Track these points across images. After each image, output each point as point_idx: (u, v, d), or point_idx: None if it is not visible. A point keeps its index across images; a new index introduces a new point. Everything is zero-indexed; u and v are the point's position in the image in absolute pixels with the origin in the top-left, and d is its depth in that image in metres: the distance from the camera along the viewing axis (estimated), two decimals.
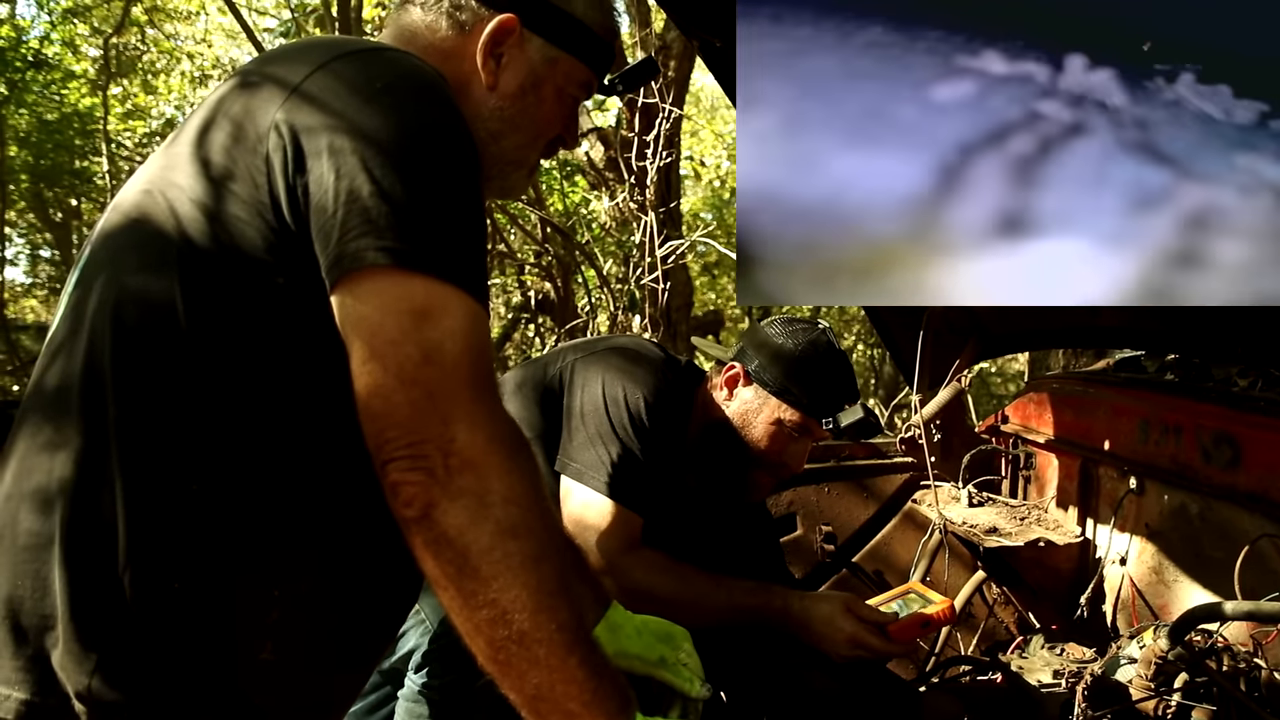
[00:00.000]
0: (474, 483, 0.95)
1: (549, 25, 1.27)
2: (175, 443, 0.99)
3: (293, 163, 0.99)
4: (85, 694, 0.97)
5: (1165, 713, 1.72)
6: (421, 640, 1.66)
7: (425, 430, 0.94)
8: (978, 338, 3.16)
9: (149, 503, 0.98)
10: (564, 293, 8.16)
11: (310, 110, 1.01)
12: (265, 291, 1.01)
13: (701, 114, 13.43)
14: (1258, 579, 2.03)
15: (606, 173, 7.28)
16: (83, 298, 1.06)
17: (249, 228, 1.01)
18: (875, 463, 3.13)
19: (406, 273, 0.96)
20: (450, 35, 1.25)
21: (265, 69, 1.09)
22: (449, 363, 0.96)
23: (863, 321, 11.89)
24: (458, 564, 0.95)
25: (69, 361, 1.04)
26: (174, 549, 0.99)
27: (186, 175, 1.04)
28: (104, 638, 0.98)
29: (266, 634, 1.03)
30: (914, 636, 1.93)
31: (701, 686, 1.52)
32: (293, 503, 1.04)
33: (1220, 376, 2.46)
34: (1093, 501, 2.84)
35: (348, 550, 1.09)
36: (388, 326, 0.95)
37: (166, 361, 1.00)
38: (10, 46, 9.95)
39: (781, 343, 2.02)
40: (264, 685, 1.04)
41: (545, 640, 0.96)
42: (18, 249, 13.39)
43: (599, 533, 1.80)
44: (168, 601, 0.98)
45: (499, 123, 1.26)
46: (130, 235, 1.06)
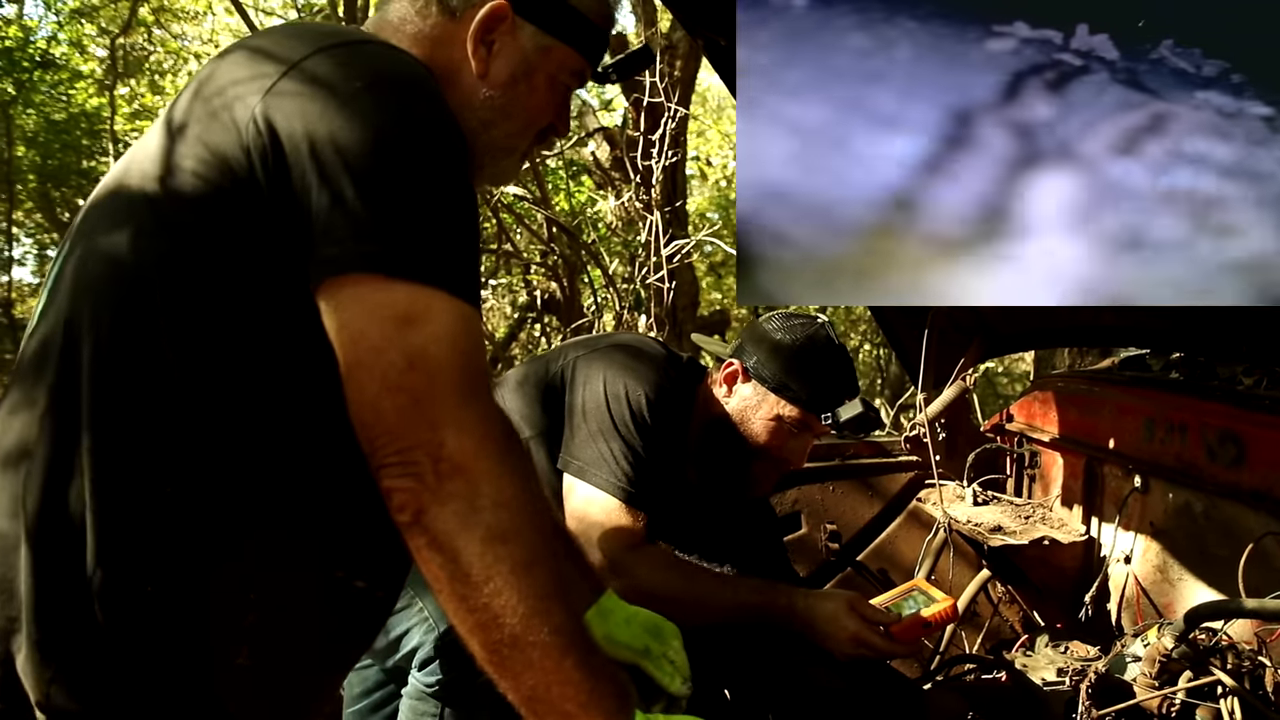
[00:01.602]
0: (463, 487, 0.94)
1: (542, 12, 1.24)
2: (148, 443, 0.97)
3: (273, 159, 0.98)
4: (44, 702, 0.95)
5: (1169, 711, 1.71)
6: (425, 638, 1.66)
7: (413, 436, 0.94)
8: (982, 337, 3.15)
9: (120, 504, 0.96)
10: (570, 292, 8.16)
11: (291, 107, 0.99)
12: (246, 284, 1.00)
13: (708, 113, 13.42)
14: (1262, 577, 2.02)
15: (612, 172, 7.28)
16: (58, 285, 1.05)
17: (230, 217, 0.99)
18: (880, 461, 3.13)
19: (388, 279, 0.95)
20: (440, 21, 1.22)
21: (248, 58, 1.07)
22: (434, 368, 0.95)
23: (868, 321, 11.87)
24: (449, 569, 0.95)
25: (42, 353, 1.02)
26: (147, 552, 0.97)
27: (166, 161, 1.02)
28: (67, 644, 0.95)
29: (243, 639, 1.01)
30: (917, 636, 1.92)
31: (683, 684, 1.52)
32: (271, 503, 1.02)
33: (1225, 375, 2.46)
34: (1097, 500, 2.83)
35: (326, 552, 1.07)
36: (370, 334, 0.95)
37: (142, 358, 0.98)
38: (18, 47, 9.98)
39: (780, 338, 2.02)
40: (239, 691, 1.01)
41: (539, 644, 0.96)
42: (25, 249, 13.41)
43: (602, 530, 1.81)
44: (139, 606, 0.96)
45: (490, 111, 1.24)
46: (105, 223, 1.04)
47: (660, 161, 5.80)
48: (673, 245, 5.76)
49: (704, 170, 12.31)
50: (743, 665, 1.94)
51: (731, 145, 11.12)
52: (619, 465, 1.84)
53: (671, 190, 6.82)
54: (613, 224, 7.83)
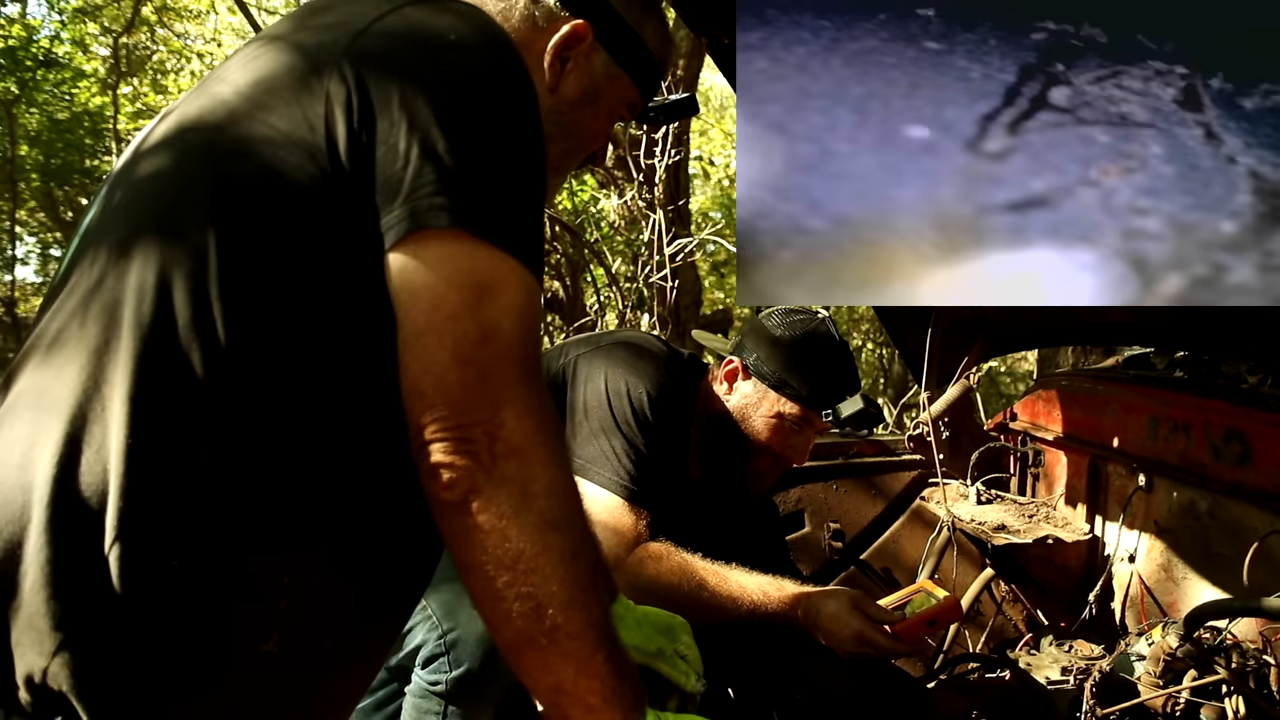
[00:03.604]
0: (519, 471, 0.91)
1: (618, 42, 1.25)
2: (185, 404, 0.90)
3: (359, 110, 0.93)
4: (39, 678, 0.87)
5: (1174, 710, 1.71)
6: (429, 636, 1.66)
7: (475, 413, 0.90)
8: (986, 335, 3.15)
9: (150, 467, 0.88)
10: (573, 291, 8.16)
11: (379, 56, 0.95)
12: (304, 248, 0.94)
13: (711, 112, 13.42)
14: (1267, 575, 2.02)
15: (615, 171, 7.28)
16: (93, 250, 0.97)
17: (299, 172, 0.93)
18: (883, 460, 3.13)
19: (475, 240, 0.92)
20: (521, 27, 1.22)
21: (309, 20, 1.03)
22: (505, 343, 0.92)
23: (871, 320, 11.87)
24: (495, 554, 0.91)
25: (72, 307, 0.94)
26: (176, 522, 0.89)
27: (230, 116, 0.97)
28: (77, 615, 0.87)
29: (273, 624, 0.94)
30: (921, 635, 1.92)
31: (697, 681, 1.52)
32: (306, 481, 0.95)
33: (1229, 373, 2.46)
34: (1101, 499, 2.83)
35: (365, 539, 1.01)
36: (451, 300, 0.91)
37: (187, 311, 0.90)
38: (21, 46, 10.01)
39: (779, 335, 2.01)
40: (262, 679, 0.96)
41: (577, 635, 0.94)
42: (29, 248, 13.45)
43: (604, 528, 1.80)
44: (163, 580, 0.88)
45: (552, 125, 1.18)
46: (152, 186, 0.98)
47: (663, 160, 5.81)
48: (675, 244, 5.76)
49: (707, 169, 12.32)
50: (747, 664, 1.94)
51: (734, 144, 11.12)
52: (621, 463, 1.83)
53: (674, 189, 6.82)
54: (616, 223, 7.83)
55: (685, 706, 1.53)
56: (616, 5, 1.26)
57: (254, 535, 0.93)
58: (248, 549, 0.92)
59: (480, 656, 1.63)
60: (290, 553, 0.95)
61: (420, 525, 0.98)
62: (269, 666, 0.96)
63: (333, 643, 1.02)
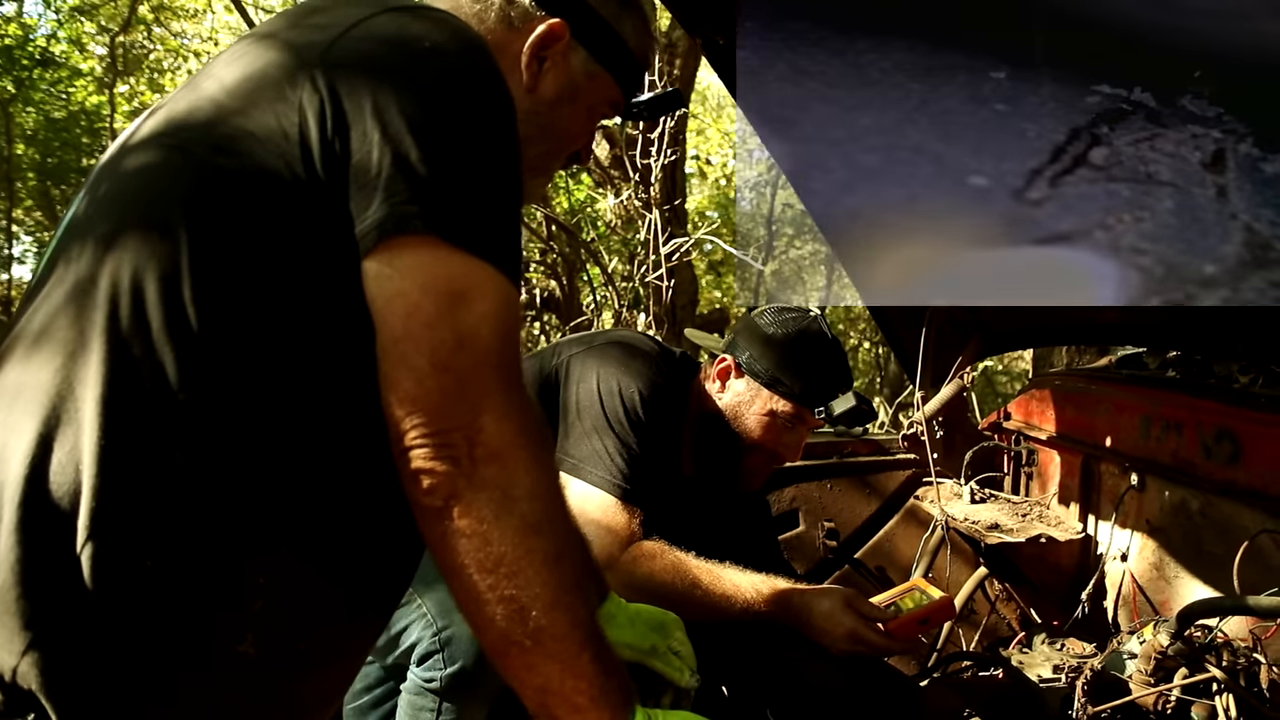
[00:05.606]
0: (499, 475, 0.92)
1: (596, 40, 1.25)
2: (160, 403, 0.89)
3: (332, 118, 0.94)
4: (8, 677, 0.87)
5: (1165, 708, 1.72)
6: (424, 634, 1.67)
7: (454, 418, 0.91)
8: (980, 335, 3.16)
9: (123, 466, 0.88)
10: (569, 290, 8.16)
11: (353, 63, 0.96)
12: (286, 249, 0.94)
13: (707, 112, 13.43)
14: (1258, 574, 2.03)
15: (611, 170, 7.28)
16: (75, 245, 0.97)
17: (277, 175, 0.93)
18: (878, 459, 3.14)
19: (449, 247, 0.92)
20: (497, 28, 1.22)
21: (302, 20, 1.03)
22: (482, 349, 0.92)
23: (867, 319, 11.88)
24: (478, 557, 0.92)
25: (52, 304, 0.94)
26: (150, 523, 0.89)
27: (216, 114, 0.97)
28: (47, 615, 0.86)
29: (248, 625, 0.94)
30: (914, 633, 1.92)
31: (691, 676, 1.53)
32: (285, 481, 0.95)
33: (1221, 373, 2.47)
34: (1094, 498, 2.84)
35: (342, 540, 1.01)
36: (425, 307, 0.91)
37: (160, 314, 0.90)
38: (17, 44, 9.99)
39: (772, 333, 2.02)
40: (237, 680, 0.95)
41: (561, 636, 0.94)
42: (25, 247, 13.41)
43: (597, 527, 1.80)
44: (136, 581, 0.88)
45: (530, 127, 1.18)
46: (135, 182, 0.98)
47: (659, 160, 5.81)
48: (672, 243, 5.77)
49: (703, 169, 12.31)
50: (740, 662, 1.95)
51: (730, 144, 11.12)
52: (614, 462, 1.84)
53: (670, 188, 6.82)
54: (612, 222, 7.83)
55: (680, 702, 1.54)
56: (593, 3, 1.25)
57: (229, 537, 0.93)
58: (222, 550, 0.92)
59: (474, 654, 1.63)
60: (266, 554, 0.95)
61: (399, 526, 0.98)
62: (244, 667, 0.95)
63: (309, 643, 1.01)
